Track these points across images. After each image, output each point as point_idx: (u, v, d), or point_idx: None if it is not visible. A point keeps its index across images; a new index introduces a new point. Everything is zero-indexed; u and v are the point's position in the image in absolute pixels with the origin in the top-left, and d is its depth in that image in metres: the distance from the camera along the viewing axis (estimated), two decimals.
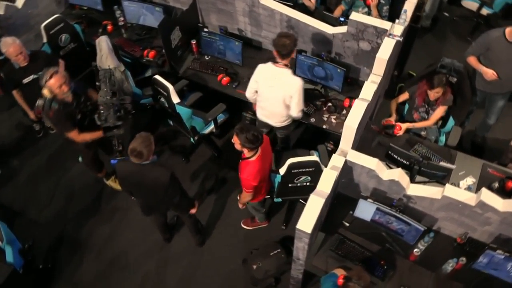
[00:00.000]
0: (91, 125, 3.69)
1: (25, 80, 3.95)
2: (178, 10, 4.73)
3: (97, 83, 3.85)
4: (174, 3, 4.75)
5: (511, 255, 2.84)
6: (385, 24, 3.72)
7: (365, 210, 3.23)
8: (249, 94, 3.82)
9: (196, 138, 4.24)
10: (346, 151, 3.34)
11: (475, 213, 3.01)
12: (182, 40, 4.43)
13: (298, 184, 3.54)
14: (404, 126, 3.88)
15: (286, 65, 3.55)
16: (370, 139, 3.91)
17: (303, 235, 2.77)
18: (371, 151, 3.42)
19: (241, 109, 4.52)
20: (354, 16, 3.81)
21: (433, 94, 3.68)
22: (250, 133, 3.06)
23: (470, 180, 3.59)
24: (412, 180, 3.40)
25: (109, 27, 4.78)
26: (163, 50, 4.52)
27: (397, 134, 3.87)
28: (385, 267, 3.22)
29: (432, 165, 3.36)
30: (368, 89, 3.43)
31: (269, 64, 3.59)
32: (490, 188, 3.55)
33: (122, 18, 4.75)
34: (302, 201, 4.15)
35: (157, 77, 3.86)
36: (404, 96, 3.96)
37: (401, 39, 3.69)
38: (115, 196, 4.47)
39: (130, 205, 4.30)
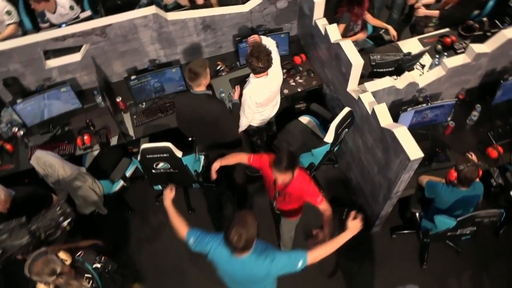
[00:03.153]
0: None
1: None
2: (74, 81, 3.98)
3: None
4: (63, 77, 3.96)
5: None
6: None
7: (405, 120, 3.54)
8: (250, 119, 3.54)
9: (200, 179, 3.84)
10: (357, 88, 3.56)
11: (471, 67, 3.62)
12: (110, 104, 3.81)
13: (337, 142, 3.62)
14: None
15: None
16: None
17: (415, 163, 2.93)
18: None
19: None
20: None
21: (366, 4, 4.10)
22: (288, 158, 2.70)
23: (425, 56, 4.21)
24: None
25: (8, 147, 3.74)
26: (92, 128, 3.88)
27: None
28: (441, 150, 3.66)
29: (414, 56, 3.84)
30: (334, 30, 3.63)
31: (259, 79, 3.31)
32: (437, 51, 4.27)
33: (16, 129, 3.77)
34: None
35: (146, 145, 3.28)
36: (341, 28, 4.24)
37: None
38: None
39: None
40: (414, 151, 2.89)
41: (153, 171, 3.51)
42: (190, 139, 3.82)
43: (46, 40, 3.60)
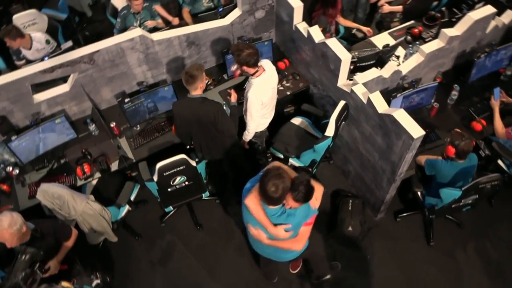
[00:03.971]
0: None
1: None
2: (64, 112, 3.91)
3: None
4: (52, 110, 3.90)
5: (490, 50, 3.88)
6: None
7: (395, 106, 3.74)
8: (257, 122, 3.62)
9: (209, 187, 3.90)
10: (347, 82, 3.75)
11: (445, 50, 3.91)
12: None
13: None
14: None
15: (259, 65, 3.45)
16: None
17: (418, 141, 3.11)
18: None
19: None
20: None
21: (339, 5, 4.33)
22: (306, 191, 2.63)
23: (399, 48, 4.47)
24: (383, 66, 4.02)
25: (4, 187, 3.62)
26: (89, 157, 3.83)
27: None
28: (431, 131, 3.89)
29: (392, 47, 4.09)
30: (317, 32, 3.82)
31: (259, 78, 3.43)
32: (407, 42, 4.56)
33: (10, 168, 3.65)
34: None
35: (162, 163, 3.27)
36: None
37: None
38: None
39: None
40: (415, 130, 3.08)
41: (169, 189, 3.50)
42: (188, 147, 3.86)
43: (34, 73, 3.55)
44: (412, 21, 4.80)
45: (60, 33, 4.68)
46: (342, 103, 3.57)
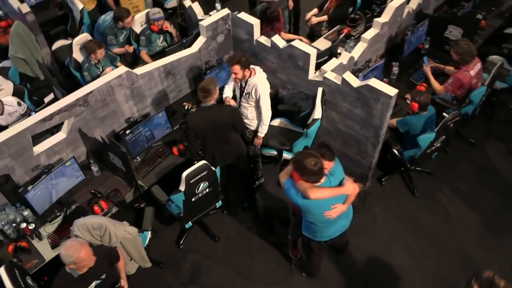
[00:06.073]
0: None
1: None
2: (61, 161, 3.93)
3: None
4: (50, 160, 3.89)
5: (412, 28, 4.83)
6: (224, 11, 4.62)
7: None
8: (271, 112, 4.18)
9: (222, 196, 4.14)
10: (316, 74, 4.38)
11: (380, 35, 4.77)
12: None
13: None
14: None
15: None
16: None
17: (394, 99, 3.78)
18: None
19: None
20: (205, 22, 4.50)
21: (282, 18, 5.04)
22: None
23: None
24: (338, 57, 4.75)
25: (23, 244, 3.51)
26: (99, 195, 3.89)
27: None
28: None
29: (338, 42, 4.86)
30: (278, 39, 4.43)
31: (257, 76, 4.01)
32: (343, 41, 5.41)
33: (24, 225, 3.54)
34: None
35: (187, 172, 3.47)
36: None
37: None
38: None
39: None
40: (390, 90, 3.76)
41: (193, 199, 3.68)
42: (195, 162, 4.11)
43: (35, 123, 3.60)
44: (338, 26, 5.71)
45: (26, 96, 4.68)
46: (320, 89, 4.15)
